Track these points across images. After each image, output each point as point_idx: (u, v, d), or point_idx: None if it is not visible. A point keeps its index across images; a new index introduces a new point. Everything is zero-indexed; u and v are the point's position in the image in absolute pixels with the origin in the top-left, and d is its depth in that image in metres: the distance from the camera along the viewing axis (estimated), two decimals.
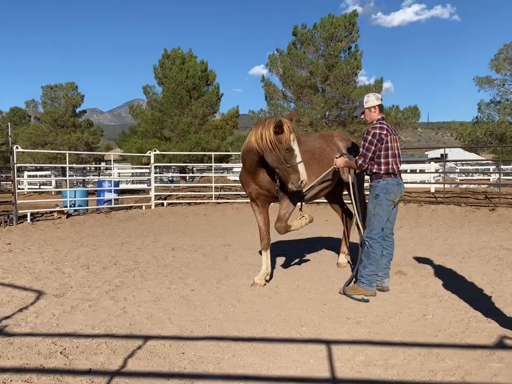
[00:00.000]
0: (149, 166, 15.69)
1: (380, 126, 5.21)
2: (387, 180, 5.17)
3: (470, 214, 12.64)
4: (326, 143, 6.21)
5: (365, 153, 5.19)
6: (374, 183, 5.26)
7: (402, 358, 3.53)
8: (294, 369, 3.38)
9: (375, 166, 5.20)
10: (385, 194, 5.16)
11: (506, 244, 8.35)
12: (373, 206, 5.23)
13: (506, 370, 3.26)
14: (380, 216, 5.20)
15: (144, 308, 4.86)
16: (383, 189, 5.16)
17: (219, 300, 5.17)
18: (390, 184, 5.17)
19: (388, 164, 5.16)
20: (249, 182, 5.73)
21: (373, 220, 5.22)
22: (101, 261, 7.25)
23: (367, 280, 5.23)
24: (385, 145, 5.15)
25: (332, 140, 6.29)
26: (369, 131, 5.19)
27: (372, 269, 5.22)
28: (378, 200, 5.18)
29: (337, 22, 22.91)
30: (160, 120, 25.90)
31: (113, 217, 13.13)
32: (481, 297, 5.05)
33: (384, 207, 5.19)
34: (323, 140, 6.28)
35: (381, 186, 5.18)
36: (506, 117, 22.53)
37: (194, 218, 13.30)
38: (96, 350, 3.71)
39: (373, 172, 5.23)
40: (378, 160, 5.18)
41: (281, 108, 24.04)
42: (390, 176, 5.18)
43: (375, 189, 5.22)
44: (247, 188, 5.83)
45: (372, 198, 5.26)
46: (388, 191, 5.16)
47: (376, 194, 5.21)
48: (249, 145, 5.27)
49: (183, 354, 3.65)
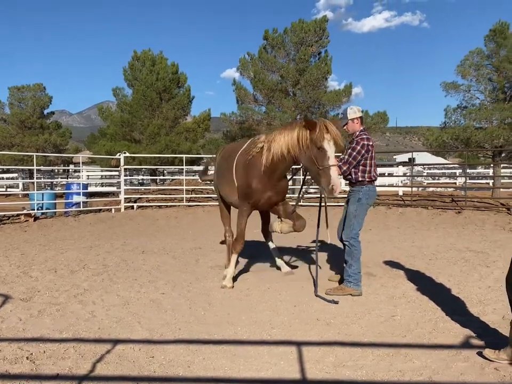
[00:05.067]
0: (119, 169, 15.50)
1: (367, 137, 5.61)
2: (369, 186, 5.63)
3: (437, 217, 12.88)
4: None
5: (350, 161, 5.54)
6: (357, 188, 5.65)
7: (371, 359, 3.57)
8: (264, 371, 3.39)
9: (360, 174, 5.60)
10: (367, 199, 5.62)
11: (472, 246, 8.54)
12: (355, 209, 5.61)
13: (471, 369, 3.33)
14: (360, 217, 5.62)
15: (113, 312, 4.80)
16: (365, 194, 5.60)
17: (190, 303, 5.14)
18: (371, 191, 5.65)
19: (371, 172, 5.61)
20: (265, 189, 5.59)
21: (354, 221, 5.60)
22: (69, 264, 7.13)
23: (354, 279, 5.48)
24: (370, 155, 5.57)
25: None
26: (359, 142, 5.55)
27: (356, 267, 5.51)
28: (360, 204, 5.59)
29: (308, 27, 23.12)
30: (130, 123, 25.61)
31: (82, 220, 12.92)
32: (448, 298, 5.15)
33: (364, 210, 5.66)
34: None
35: (364, 191, 5.59)
36: (472, 122, 23.02)
37: (165, 221, 13.20)
38: (64, 355, 3.65)
39: (359, 179, 5.60)
40: (363, 168, 5.60)
41: (252, 111, 24.11)
42: (372, 183, 5.66)
43: (358, 193, 5.62)
44: (258, 195, 5.62)
45: (354, 201, 5.63)
46: (370, 197, 5.64)
47: (359, 198, 5.60)
48: (281, 151, 5.20)
49: (152, 358, 3.62)
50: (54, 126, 35.55)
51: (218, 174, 6.69)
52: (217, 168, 6.77)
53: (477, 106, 23.61)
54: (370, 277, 6.23)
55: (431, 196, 15.87)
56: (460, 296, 5.24)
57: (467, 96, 23.97)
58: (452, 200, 14.67)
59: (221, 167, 6.55)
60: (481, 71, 23.25)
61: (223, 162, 6.48)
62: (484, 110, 22.77)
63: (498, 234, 9.94)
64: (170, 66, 26.55)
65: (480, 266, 6.76)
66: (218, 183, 6.63)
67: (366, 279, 6.05)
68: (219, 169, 6.64)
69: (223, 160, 6.51)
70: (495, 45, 22.87)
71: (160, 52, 26.91)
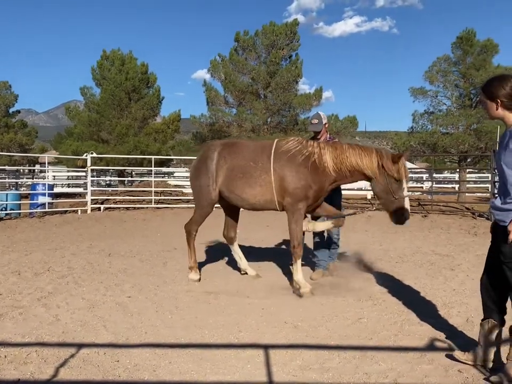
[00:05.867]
0: (85, 169, 15.26)
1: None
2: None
3: None
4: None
5: None
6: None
7: (337, 361, 3.59)
8: (231, 374, 3.37)
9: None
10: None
11: (438, 249, 8.69)
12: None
13: (435, 371, 3.38)
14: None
15: (78, 315, 4.70)
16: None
17: (156, 307, 5.08)
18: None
19: None
20: (323, 192, 5.72)
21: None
22: (33, 266, 6.96)
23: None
24: None
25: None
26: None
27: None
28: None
29: (279, 30, 23.27)
30: (98, 122, 25.25)
31: (47, 221, 12.65)
32: (414, 301, 5.22)
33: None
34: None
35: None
36: (439, 127, 23.49)
37: (133, 223, 13.04)
38: (26, 359, 3.56)
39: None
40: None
41: (223, 113, 24.10)
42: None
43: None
44: (317, 196, 5.69)
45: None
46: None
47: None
48: (352, 166, 5.38)
49: (117, 362, 3.56)
50: (20, 125, 34.85)
51: (229, 175, 5.94)
52: (226, 168, 5.97)
53: (444, 112, 24.12)
54: (338, 279, 6.27)
55: None
56: (425, 298, 5.32)
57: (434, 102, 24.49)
58: (418, 204, 14.93)
59: (235, 168, 5.91)
60: (448, 78, 23.77)
61: (236, 161, 5.93)
62: (451, 115, 23.27)
63: (463, 238, 10.14)
64: (140, 66, 26.32)
65: (445, 269, 6.89)
66: (230, 185, 5.93)
67: (333, 282, 6.11)
68: (231, 169, 5.93)
69: (235, 160, 5.94)
70: (462, 52, 23.42)
71: (130, 51, 26.68)
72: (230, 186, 5.92)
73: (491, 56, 23.16)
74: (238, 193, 5.88)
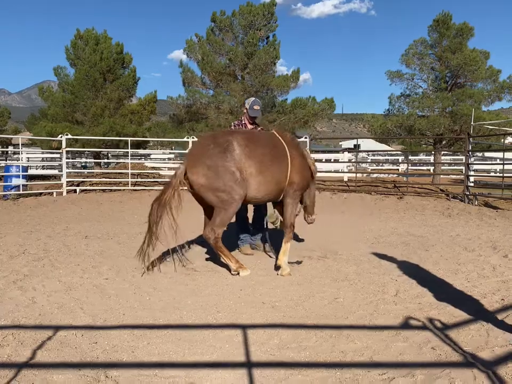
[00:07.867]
0: (60, 151, 15.02)
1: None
2: None
3: (380, 202, 13.25)
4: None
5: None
6: None
7: (314, 340, 3.64)
8: (209, 354, 3.39)
9: None
10: None
11: (413, 230, 8.84)
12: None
13: (410, 349, 3.46)
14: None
15: (54, 298, 4.67)
16: None
17: (134, 288, 5.08)
18: None
19: None
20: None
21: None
22: (8, 249, 6.87)
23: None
24: None
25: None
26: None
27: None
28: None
29: (256, 11, 23.03)
30: (72, 103, 24.80)
31: (22, 204, 12.47)
32: (389, 281, 5.31)
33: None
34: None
35: None
36: (415, 110, 23.73)
37: (109, 206, 12.94)
38: (2, 342, 3.53)
39: None
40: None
41: (200, 94, 23.88)
42: None
43: None
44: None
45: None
46: None
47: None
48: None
49: (95, 344, 3.56)
50: None
51: (259, 168, 5.56)
52: (255, 160, 5.54)
53: (420, 95, 24.34)
54: (315, 260, 6.34)
55: (375, 182, 16.30)
56: (400, 278, 5.42)
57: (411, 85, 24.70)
58: (394, 186, 15.12)
59: (263, 159, 5.60)
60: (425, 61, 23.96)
61: (260, 152, 5.61)
62: (427, 98, 23.51)
63: (438, 219, 10.33)
64: (115, 46, 25.82)
65: (420, 250, 7.01)
66: (258, 178, 5.55)
67: (310, 262, 6.18)
68: (260, 162, 5.57)
69: (258, 151, 5.60)
70: (438, 35, 23.58)
71: (104, 30, 26.13)
72: (263, 174, 5.56)
73: (466, 39, 23.39)
74: (269, 179, 5.61)
